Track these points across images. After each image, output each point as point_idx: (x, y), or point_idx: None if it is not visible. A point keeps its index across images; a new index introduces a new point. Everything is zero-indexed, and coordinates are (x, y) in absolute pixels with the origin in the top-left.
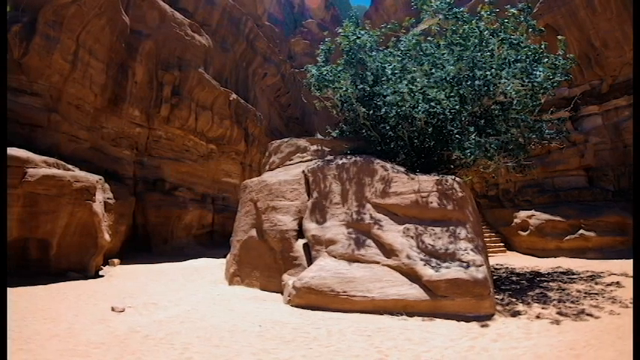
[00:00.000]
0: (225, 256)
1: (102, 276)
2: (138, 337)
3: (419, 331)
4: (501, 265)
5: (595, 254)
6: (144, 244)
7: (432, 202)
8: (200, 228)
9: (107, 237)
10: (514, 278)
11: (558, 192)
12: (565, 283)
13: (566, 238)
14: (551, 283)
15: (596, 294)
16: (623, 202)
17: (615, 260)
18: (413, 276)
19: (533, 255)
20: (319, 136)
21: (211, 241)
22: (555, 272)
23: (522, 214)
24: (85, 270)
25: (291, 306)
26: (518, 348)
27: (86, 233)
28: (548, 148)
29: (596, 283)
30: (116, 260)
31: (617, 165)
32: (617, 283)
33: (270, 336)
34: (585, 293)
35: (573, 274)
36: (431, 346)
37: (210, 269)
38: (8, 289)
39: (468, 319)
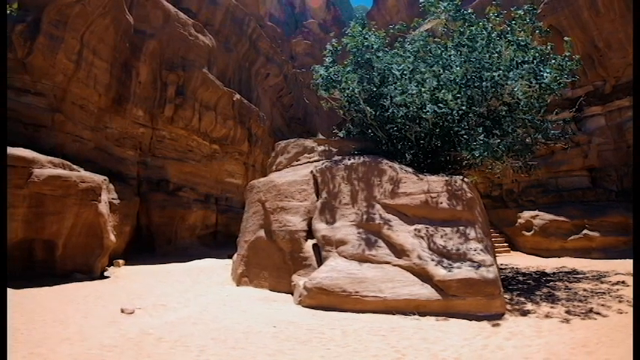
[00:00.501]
0: (229, 257)
1: (107, 277)
2: (151, 339)
3: (433, 330)
4: (506, 265)
5: (599, 254)
6: (148, 245)
7: (441, 203)
8: (204, 228)
9: (112, 238)
10: (520, 278)
11: (562, 192)
12: (571, 282)
13: (571, 238)
14: (557, 283)
15: (602, 293)
16: (626, 203)
17: (619, 260)
18: (424, 276)
19: (537, 255)
20: (321, 136)
21: (215, 242)
22: (561, 272)
23: (526, 214)
24: (90, 271)
25: (303, 306)
26: (532, 346)
27: (92, 234)
28: (552, 149)
29: (602, 283)
30: (121, 261)
31: (620, 165)
32: (623, 282)
33: (285, 337)
34: (592, 292)
35: (578, 273)
36: (446, 345)
37: (216, 270)
38: (14, 290)
39: (479, 319)
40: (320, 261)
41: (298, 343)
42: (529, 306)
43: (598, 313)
